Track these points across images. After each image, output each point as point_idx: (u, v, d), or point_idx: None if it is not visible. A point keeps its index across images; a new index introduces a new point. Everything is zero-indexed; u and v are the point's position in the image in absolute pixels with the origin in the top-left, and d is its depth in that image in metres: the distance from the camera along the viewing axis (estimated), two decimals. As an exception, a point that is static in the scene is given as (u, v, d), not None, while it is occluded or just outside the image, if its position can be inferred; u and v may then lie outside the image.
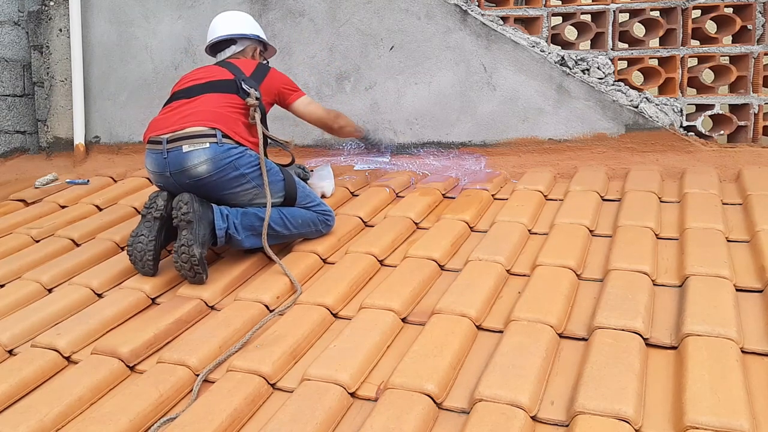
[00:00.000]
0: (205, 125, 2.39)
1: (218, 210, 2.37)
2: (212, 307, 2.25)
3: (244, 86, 2.56)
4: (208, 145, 2.35)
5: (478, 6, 3.35)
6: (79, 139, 4.10)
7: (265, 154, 2.52)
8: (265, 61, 2.99)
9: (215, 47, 2.90)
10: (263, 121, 2.59)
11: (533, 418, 1.51)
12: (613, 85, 3.17)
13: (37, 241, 2.88)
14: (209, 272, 2.35)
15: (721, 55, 3.15)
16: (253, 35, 2.91)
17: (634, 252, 2.17)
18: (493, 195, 2.97)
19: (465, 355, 1.78)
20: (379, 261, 2.43)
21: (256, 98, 2.53)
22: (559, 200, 2.78)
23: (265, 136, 2.55)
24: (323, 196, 3.00)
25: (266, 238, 2.43)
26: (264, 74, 2.72)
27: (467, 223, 2.63)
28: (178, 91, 2.61)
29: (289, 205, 2.53)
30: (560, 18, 3.36)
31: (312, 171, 3.20)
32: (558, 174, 3.15)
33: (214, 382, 1.76)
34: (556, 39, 3.37)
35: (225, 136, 2.40)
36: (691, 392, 1.47)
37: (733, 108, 3.16)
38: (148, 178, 3.60)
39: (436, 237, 2.48)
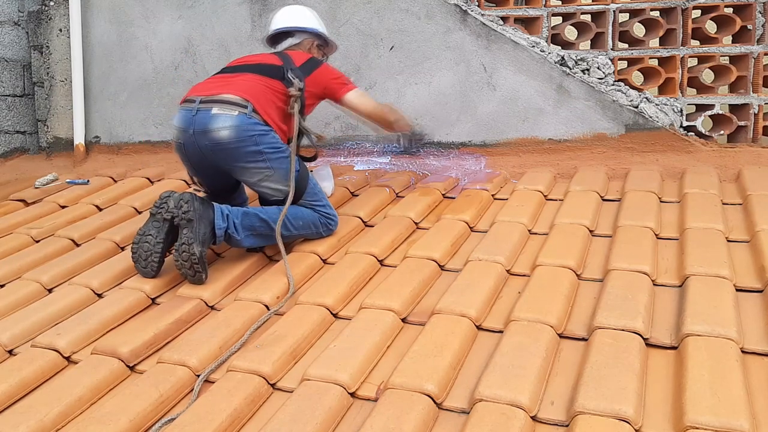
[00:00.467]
0: (240, 96, 2.43)
1: (219, 209, 2.37)
2: (212, 307, 2.25)
3: (290, 75, 2.57)
4: (236, 113, 2.39)
5: (478, 6, 3.35)
6: (79, 139, 4.10)
7: (298, 146, 2.57)
8: (324, 57, 2.98)
9: (274, 39, 2.91)
10: (301, 113, 2.60)
11: (533, 418, 1.51)
12: (613, 85, 3.17)
13: (37, 241, 2.88)
14: (209, 272, 2.35)
15: (721, 55, 3.15)
16: (312, 29, 2.90)
17: (634, 252, 2.17)
18: (493, 195, 2.97)
19: (465, 355, 1.78)
20: (379, 261, 2.43)
21: (299, 89, 2.55)
22: (559, 200, 2.78)
23: (300, 129, 2.57)
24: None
25: (265, 238, 2.44)
26: (314, 67, 2.70)
27: (467, 223, 2.63)
28: (226, 67, 2.68)
29: (295, 198, 2.52)
30: (560, 18, 3.36)
31: (311, 171, 3.18)
32: (558, 174, 3.15)
33: (214, 382, 1.76)
34: (556, 39, 3.37)
35: (255, 111, 2.43)
36: (691, 392, 1.47)
37: (733, 108, 3.16)
38: (149, 178, 3.60)
39: (436, 237, 2.48)
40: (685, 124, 3.12)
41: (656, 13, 3.27)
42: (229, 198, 2.66)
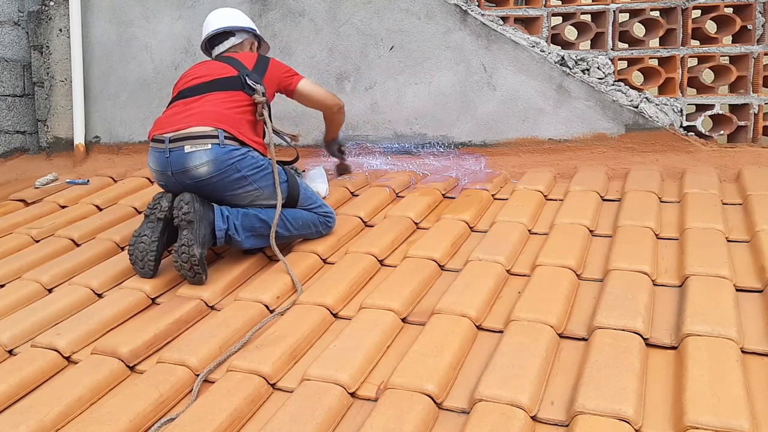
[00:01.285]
0: (209, 125, 2.38)
1: (219, 210, 2.36)
2: (212, 307, 2.25)
3: (249, 82, 2.54)
4: (210, 146, 2.34)
5: (478, 6, 3.35)
6: (79, 139, 4.10)
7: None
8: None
9: (212, 41, 2.87)
10: (270, 114, 2.59)
11: (533, 418, 1.51)
12: (613, 85, 3.17)
13: (37, 241, 2.88)
14: (209, 272, 2.35)
15: (721, 55, 3.15)
16: (251, 28, 2.89)
17: (634, 252, 2.17)
18: (493, 195, 2.97)
19: (465, 355, 1.78)
20: (379, 261, 2.43)
21: (263, 94, 2.53)
22: (559, 200, 2.78)
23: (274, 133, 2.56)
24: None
25: (266, 239, 2.44)
26: (266, 66, 2.70)
27: (467, 223, 2.63)
28: (184, 89, 2.59)
29: (290, 206, 2.52)
30: (560, 18, 3.36)
31: (304, 172, 3.18)
32: (558, 174, 3.15)
33: (214, 382, 1.76)
34: (556, 39, 3.37)
35: (228, 137, 2.38)
36: (691, 392, 1.47)
37: (733, 108, 3.16)
38: (149, 178, 3.60)
39: (436, 237, 2.48)
40: (685, 124, 3.12)
41: (656, 13, 3.27)
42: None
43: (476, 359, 1.76)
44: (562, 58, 3.19)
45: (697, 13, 3.19)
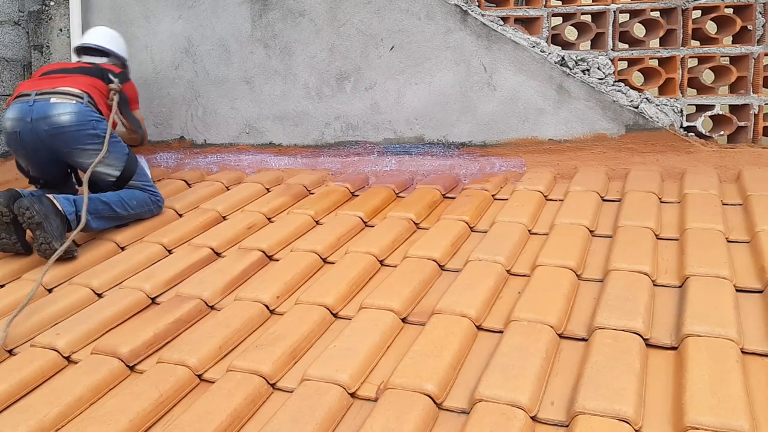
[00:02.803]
0: (77, 88, 2.77)
1: (62, 197, 2.58)
2: (212, 307, 2.25)
3: (110, 75, 2.98)
4: (74, 101, 2.72)
5: (479, 6, 3.35)
6: (79, 139, 4.10)
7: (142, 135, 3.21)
8: None
9: (87, 50, 3.25)
10: (125, 106, 3.07)
11: (533, 418, 1.51)
12: (613, 85, 3.17)
13: (37, 241, 2.88)
14: None
15: (722, 56, 3.15)
16: (124, 58, 3.33)
17: (634, 252, 2.17)
18: (493, 195, 2.97)
19: (465, 356, 1.78)
20: (379, 261, 2.42)
21: (119, 85, 2.98)
22: (560, 200, 2.78)
23: (136, 120, 3.15)
24: None
25: (110, 219, 2.77)
26: (126, 79, 3.17)
27: (467, 223, 2.63)
28: (50, 70, 2.95)
29: (126, 178, 2.86)
30: (560, 18, 3.36)
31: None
32: (558, 174, 3.15)
33: (214, 382, 1.76)
34: (556, 39, 3.37)
35: (90, 102, 2.79)
36: (691, 392, 1.47)
37: (733, 108, 3.16)
38: None
39: (436, 237, 2.48)
40: (686, 124, 3.12)
41: (656, 14, 3.26)
42: (60, 190, 2.90)
43: (476, 359, 1.76)
44: (563, 58, 3.19)
45: (697, 14, 3.19)
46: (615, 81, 3.20)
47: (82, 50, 3.26)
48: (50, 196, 2.56)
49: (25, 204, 2.44)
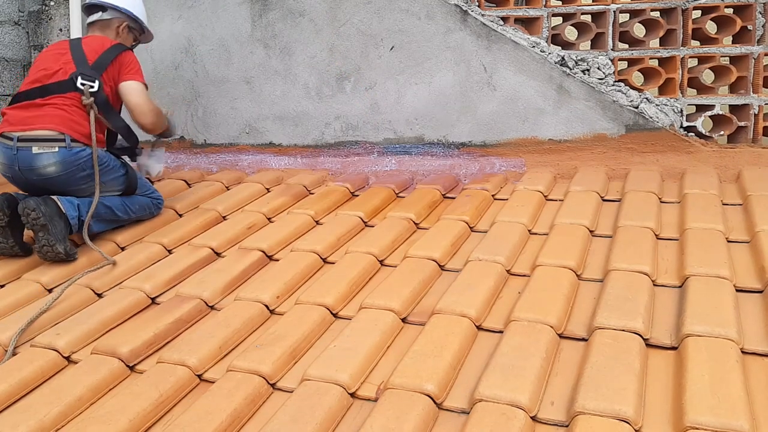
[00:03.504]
0: (55, 129, 2.58)
1: (67, 201, 2.56)
2: (212, 307, 2.25)
3: (79, 83, 2.66)
4: (57, 149, 2.56)
5: (479, 6, 3.35)
6: (79, 139, 4.09)
7: (114, 145, 2.91)
8: (135, 43, 3.12)
9: (89, 9, 3.00)
10: (110, 111, 2.77)
11: (533, 418, 1.51)
12: (613, 85, 3.17)
13: (37, 241, 2.88)
14: None
15: (722, 56, 3.15)
16: (124, 9, 2.97)
17: (634, 252, 2.17)
18: (493, 195, 2.97)
19: (465, 356, 1.78)
20: (379, 261, 2.43)
21: (93, 93, 2.67)
22: (559, 200, 2.78)
23: (122, 127, 2.84)
24: (148, 175, 3.25)
25: (111, 222, 2.77)
26: (111, 59, 2.77)
27: (467, 223, 2.63)
28: (30, 89, 2.70)
29: (130, 193, 2.85)
30: (560, 18, 3.36)
31: (143, 149, 3.20)
32: (558, 174, 3.15)
33: (214, 382, 1.76)
34: (556, 39, 3.37)
35: (73, 140, 2.60)
36: (691, 392, 1.47)
37: (734, 108, 3.16)
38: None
39: (436, 237, 2.48)
40: (686, 124, 3.12)
41: (656, 14, 3.26)
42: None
43: (476, 359, 1.76)
44: (563, 58, 3.19)
45: (697, 14, 3.19)
46: (615, 81, 3.20)
47: (86, 10, 3.02)
48: (55, 198, 2.54)
49: (31, 205, 2.44)
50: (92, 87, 2.68)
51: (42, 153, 2.55)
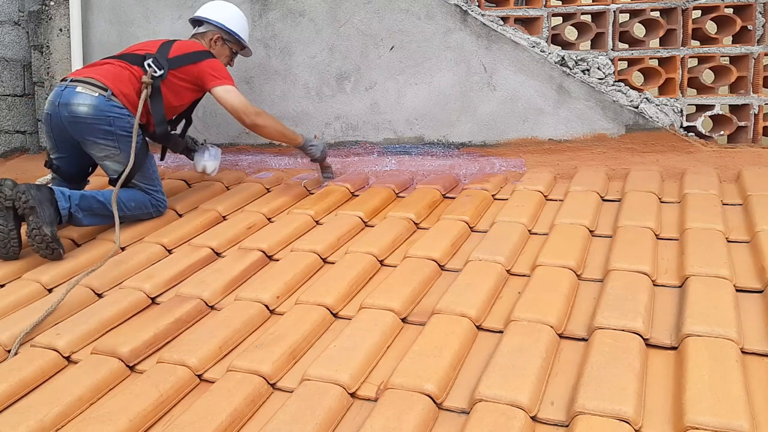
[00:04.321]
0: (101, 81, 2.78)
1: (59, 191, 2.62)
2: (212, 307, 2.25)
3: (147, 63, 2.88)
4: (96, 94, 2.74)
5: (479, 6, 3.35)
6: (79, 139, 4.10)
7: (163, 132, 2.99)
8: (231, 55, 3.27)
9: (193, 24, 3.25)
10: (158, 100, 2.90)
11: (533, 418, 1.51)
12: (613, 85, 3.17)
13: (37, 241, 2.88)
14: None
15: (722, 56, 3.15)
16: (217, 23, 3.16)
17: (634, 252, 2.17)
18: (493, 195, 2.97)
19: (465, 356, 1.78)
20: (379, 261, 2.42)
21: (152, 77, 2.86)
22: (559, 200, 2.78)
23: (160, 116, 2.93)
24: (204, 172, 3.31)
25: (103, 218, 2.77)
26: (194, 60, 2.98)
27: (467, 223, 2.63)
28: (109, 56, 3.03)
29: (131, 172, 2.82)
30: (560, 18, 3.36)
31: (202, 145, 3.35)
32: (558, 174, 3.14)
33: (214, 382, 1.76)
34: (556, 39, 3.37)
35: (114, 95, 2.77)
36: (691, 392, 1.47)
37: (733, 108, 3.16)
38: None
39: (436, 237, 2.48)
40: (686, 124, 3.12)
41: (656, 14, 3.27)
42: (78, 186, 3.00)
43: (476, 359, 1.76)
44: (563, 58, 3.19)
45: (697, 14, 3.19)
46: (615, 81, 3.20)
47: (192, 24, 3.27)
48: (50, 186, 2.63)
49: (22, 188, 2.51)
50: (155, 72, 2.88)
51: (82, 93, 2.73)
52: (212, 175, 3.35)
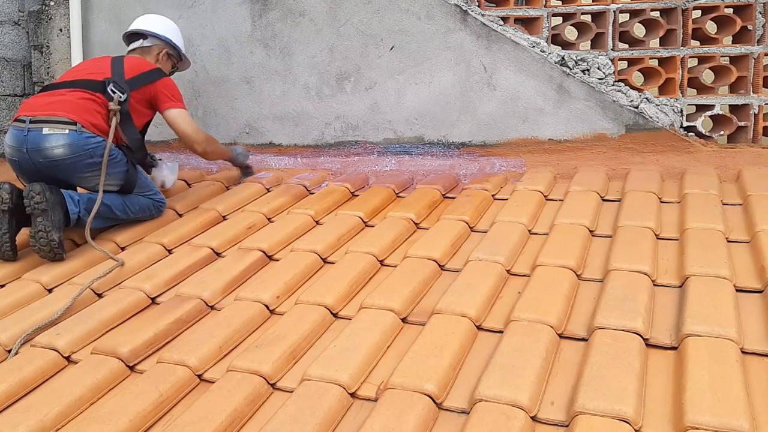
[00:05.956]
0: (69, 115, 2.64)
1: (68, 195, 2.59)
2: (212, 307, 2.25)
3: (110, 88, 2.76)
4: (67, 131, 2.61)
5: (479, 6, 3.35)
6: (79, 139, 4.09)
7: (142, 155, 2.95)
8: (173, 69, 3.26)
9: (129, 38, 3.18)
10: (129, 124, 2.82)
11: (533, 418, 1.51)
12: (613, 85, 3.17)
13: (37, 241, 2.88)
14: None
15: (722, 56, 3.15)
16: (164, 37, 3.14)
17: (634, 252, 2.17)
18: (493, 195, 2.97)
19: (465, 356, 1.78)
20: (379, 261, 2.42)
21: (119, 102, 2.76)
22: (559, 200, 2.78)
23: (136, 140, 2.87)
24: (162, 187, 3.28)
25: (108, 220, 2.79)
26: (150, 80, 2.91)
27: (467, 223, 2.63)
28: (51, 84, 2.86)
29: (126, 191, 2.84)
30: (560, 18, 3.36)
31: (161, 161, 3.39)
32: (558, 174, 3.15)
33: (214, 382, 1.76)
34: (556, 39, 3.37)
35: (84, 127, 2.64)
36: (691, 392, 1.47)
37: (733, 108, 3.16)
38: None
39: (436, 237, 2.48)
40: (686, 124, 3.12)
41: (656, 14, 3.26)
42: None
43: (476, 359, 1.76)
44: (563, 58, 3.19)
45: (697, 14, 3.19)
46: (615, 81, 3.20)
47: (127, 38, 3.19)
48: (63, 191, 2.60)
49: (36, 189, 2.47)
50: (121, 97, 2.77)
51: (52, 134, 2.59)
52: (170, 188, 3.37)
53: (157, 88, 2.92)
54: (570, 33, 3.34)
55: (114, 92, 2.75)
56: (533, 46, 3.20)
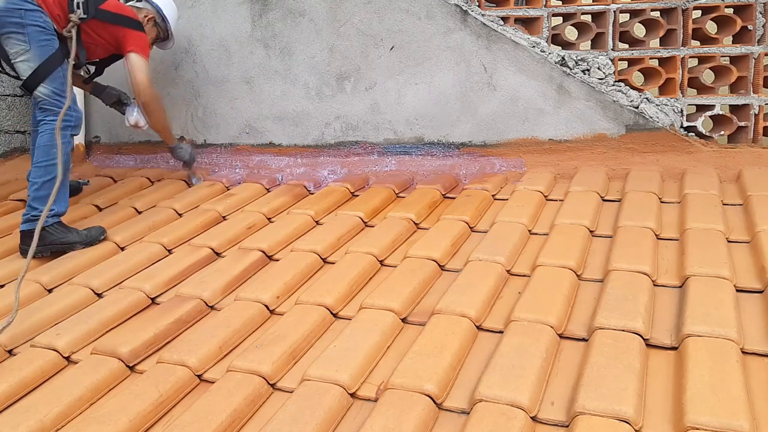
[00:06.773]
0: None
1: (28, 222, 2.60)
2: (212, 307, 2.25)
3: (76, 2, 2.76)
4: None
5: (479, 6, 3.35)
6: (79, 139, 4.09)
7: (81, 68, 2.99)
8: (155, 39, 3.30)
9: None
10: (80, 46, 2.80)
11: (533, 418, 1.51)
12: (613, 85, 3.16)
13: (37, 241, 2.87)
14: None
15: (722, 56, 3.15)
16: (157, 6, 3.20)
17: (634, 252, 2.17)
18: (493, 195, 2.97)
19: (465, 356, 1.78)
20: (379, 261, 2.42)
21: (80, 18, 2.76)
22: (560, 200, 2.78)
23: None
24: (136, 125, 3.28)
25: (42, 198, 2.64)
26: (124, 24, 2.96)
27: (467, 223, 2.63)
28: None
29: (38, 77, 2.70)
30: (560, 18, 3.36)
31: (134, 100, 3.29)
32: (558, 174, 3.14)
33: (214, 382, 1.76)
34: (556, 39, 3.37)
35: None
36: (691, 393, 1.47)
37: (734, 108, 3.16)
38: (149, 178, 3.60)
39: (436, 237, 2.48)
40: (686, 124, 3.12)
41: (657, 14, 3.26)
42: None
43: (476, 359, 1.76)
44: (563, 58, 3.19)
45: (697, 14, 3.19)
46: (615, 81, 3.20)
47: None
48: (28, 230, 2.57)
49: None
50: (82, 15, 2.77)
51: None
52: (144, 128, 3.32)
53: (130, 33, 2.96)
54: (570, 33, 3.34)
55: (78, 7, 2.77)
56: (533, 46, 3.20)
